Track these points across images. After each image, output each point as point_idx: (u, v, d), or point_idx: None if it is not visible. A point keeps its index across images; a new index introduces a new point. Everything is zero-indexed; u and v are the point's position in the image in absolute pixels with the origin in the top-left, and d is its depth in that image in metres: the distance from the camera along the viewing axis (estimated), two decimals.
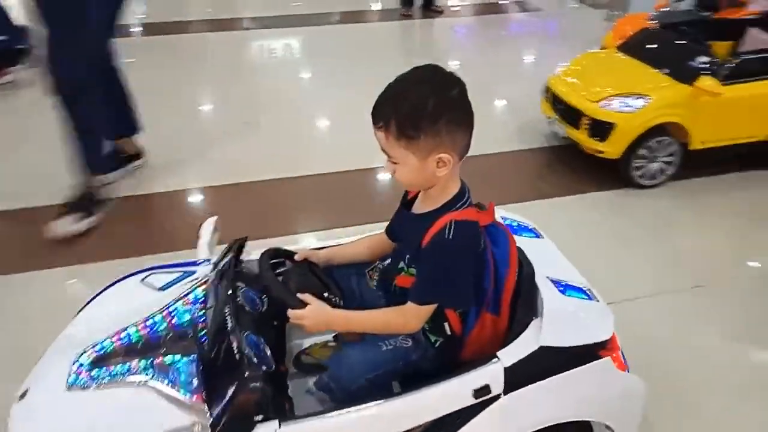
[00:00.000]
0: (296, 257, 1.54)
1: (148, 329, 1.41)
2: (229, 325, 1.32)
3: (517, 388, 1.39)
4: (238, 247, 1.61)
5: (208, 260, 1.66)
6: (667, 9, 5.04)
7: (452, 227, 1.31)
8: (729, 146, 3.50)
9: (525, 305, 1.48)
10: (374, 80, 1.48)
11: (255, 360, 1.27)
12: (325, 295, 1.41)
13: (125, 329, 1.43)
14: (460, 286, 1.37)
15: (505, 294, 1.46)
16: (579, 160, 3.66)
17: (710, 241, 3.06)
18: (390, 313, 1.39)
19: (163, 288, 1.59)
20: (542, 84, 3.93)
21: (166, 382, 1.28)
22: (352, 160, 3.73)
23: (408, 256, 1.43)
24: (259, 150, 3.92)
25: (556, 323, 1.45)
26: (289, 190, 3.49)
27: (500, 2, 7.79)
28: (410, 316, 1.36)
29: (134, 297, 1.59)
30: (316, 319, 1.34)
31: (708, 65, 3.32)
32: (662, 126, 3.33)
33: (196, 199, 3.41)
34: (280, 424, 1.22)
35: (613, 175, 3.50)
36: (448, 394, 1.35)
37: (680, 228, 3.18)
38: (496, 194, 3.45)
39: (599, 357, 1.47)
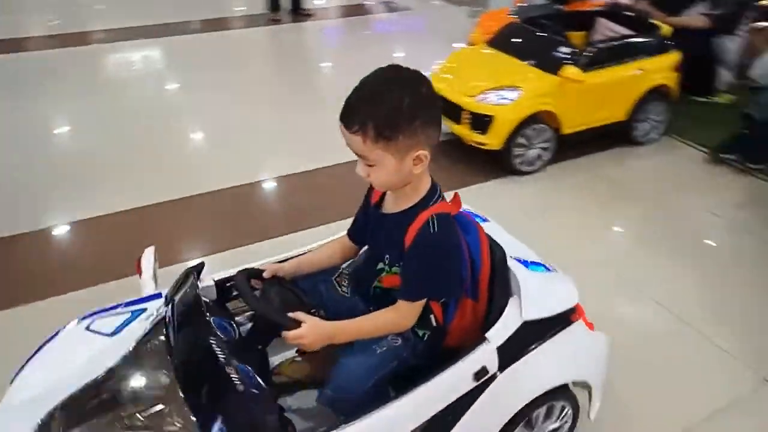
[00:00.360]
0: (265, 275, 1.48)
1: (121, 380, 1.30)
2: (221, 357, 1.27)
3: (510, 364, 1.47)
4: (196, 274, 1.51)
5: (158, 294, 1.55)
6: (525, 4, 5.36)
7: (435, 221, 1.33)
8: (595, 128, 3.79)
9: (501, 286, 1.54)
10: (250, 89, 1.40)
11: (255, 390, 1.23)
12: (312, 310, 1.38)
13: (94, 385, 1.28)
14: (450, 278, 1.41)
15: (482, 279, 1.52)
16: (463, 153, 3.77)
17: (581, 214, 3.30)
18: (384, 314, 1.40)
19: (113, 333, 1.44)
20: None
21: None
22: (239, 173, 3.57)
23: (388, 256, 1.43)
24: (136, 174, 3.63)
25: (533, 298, 1.54)
26: (180, 212, 3.25)
27: (368, 3, 7.88)
28: (405, 314, 1.39)
29: (84, 347, 1.42)
30: (315, 336, 1.31)
31: (569, 55, 3.57)
32: (536, 115, 3.53)
33: (68, 236, 3.06)
34: None
35: (496, 164, 3.65)
36: (451, 382, 1.40)
37: (557, 208, 3.38)
38: None
39: (572, 321, 1.60)
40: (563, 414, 1.72)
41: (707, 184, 3.63)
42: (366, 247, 1.64)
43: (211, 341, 1.31)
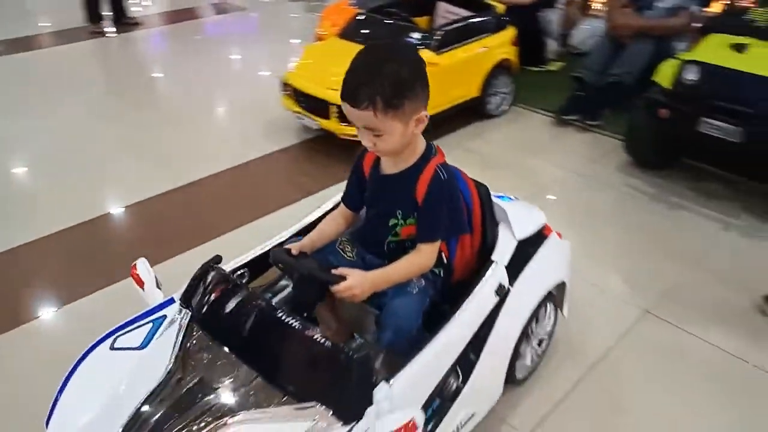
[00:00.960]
0: (293, 252, 1.57)
1: (183, 387, 1.32)
2: (296, 323, 1.38)
3: (517, 278, 1.76)
4: (214, 264, 1.58)
5: (170, 299, 1.56)
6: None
7: (442, 169, 1.51)
8: (453, 107, 3.98)
9: (490, 217, 1.80)
10: (81, 112, 1.25)
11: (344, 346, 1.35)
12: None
13: (154, 395, 1.30)
14: (460, 215, 1.64)
15: (475, 213, 1.75)
16: (335, 147, 3.75)
17: None
18: (411, 259, 1.54)
19: (143, 345, 1.44)
20: (275, 81, 3.92)
21: (252, 410, 1.26)
22: (86, 208, 3.22)
23: (400, 211, 1.57)
24: None
25: (518, 221, 1.86)
26: (25, 261, 2.83)
27: (197, 6, 7.47)
28: (428, 254, 1.54)
29: (119, 365, 1.40)
30: (362, 285, 1.43)
31: (420, 40, 3.70)
32: None
33: None
34: (389, 382, 1.31)
35: None
36: (480, 303, 1.64)
37: None
38: (260, 204, 3.49)
39: (547, 235, 1.98)
40: (548, 315, 2.06)
41: (558, 144, 3.99)
42: (364, 211, 1.75)
43: (278, 314, 1.41)
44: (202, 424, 1.24)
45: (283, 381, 1.33)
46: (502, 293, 1.70)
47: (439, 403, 1.52)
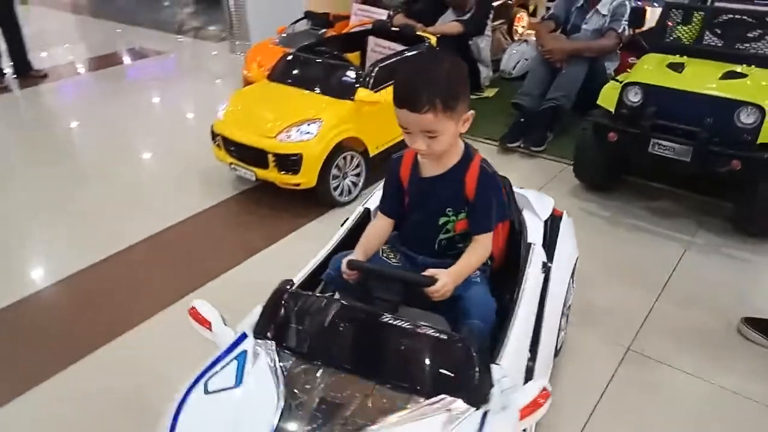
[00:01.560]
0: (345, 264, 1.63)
1: (309, 411, 1.29)
2: (406, 323, 1.41)
3: (553, 255, 1.96)
4: (289, 287, 1.57)
5: (243, 335, 1.51)
6: (288, 32, 5.25)
7: (486, 163, 1.65)
8: (397, 143, 3.81)
9: (515, 205, 2.00)
10: None
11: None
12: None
13: (281, 427, 1.26)
14: (504, 205, 1.80)
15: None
16: (279, 197, 3.50)
17: None
18: (474, 251, 1.65)
19: (238, 383, 1.38)
20: (205, 128, 3.64)
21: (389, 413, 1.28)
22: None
23: (450, 208, 1.67)
24: None
25: (537, 205, 2.09)
26: None
27: (114, 53, 7.03)
28: (486, 244, 1.67)
29: (223, 406, 1.34)
30: (451, 283, 1.54)
31: (356, 78, 3.52)
32: (342, 143, 3.41)
33: None
34: (496, 361, 1.43)
35: (314, 200, 3.46)
36: (535, 281, 1.77)
37: None
38: (201, 269, 3.11)
39: (559, 215, 2.19)
40: (571, 288, 2.23)
41: (505, 172, 3.85)
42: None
43: (387, 319, 1.42)
44: None
45: (406, 381, 1.35)
46: (546, 270, 1.86)
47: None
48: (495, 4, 5.25)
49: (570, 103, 4.13)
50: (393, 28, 4.34)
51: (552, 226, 2.08)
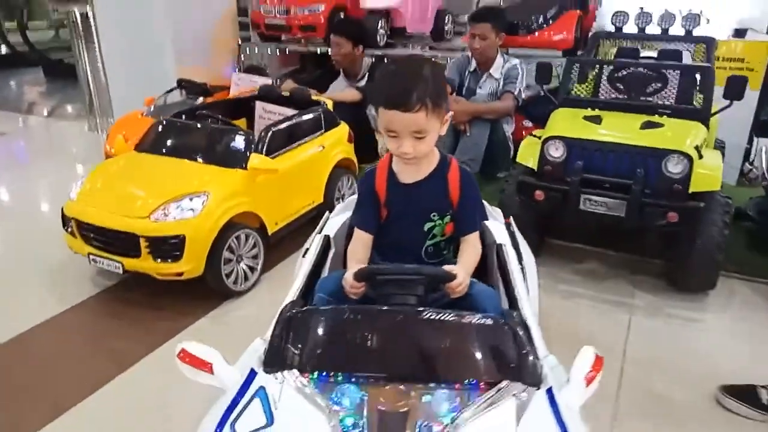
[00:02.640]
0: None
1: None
2: (451, 315, 1.37)
3: (521, 257, 1.88)
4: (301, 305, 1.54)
5: (252, 372, 1.35)
6: (159, 103, 4.64)
7: (462, 166, 1.71)
8: (298, 218, 3.29)
9: None
10: None
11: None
12: None
13: None
14: (482, 206, 1.97)
15: None
16: (154, 292, 2.81)
17: None
18: (470, 250, 1.67)
19: (270, 421, 1.22)
20: (56, 217, 2.89)
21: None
22: None
23: (435, 213, 1.67)
24: None
25: (492, 211, 2.23)
26: None
27: None
28: (477, 243, 1.70)
29: None
30: (468, 278, 1.56)
31: (247, 143, 3.00)
32: (234, 220, 2.82)
33: None
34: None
35: (202, 292, 2.80)
36: (519, 276, 1.72)
37: None
38: (53, 395, 2.24)
39: (509, 222, 2.13)
40: None
41: None
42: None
43: (426, 315, 1.37)
44: None
45: (462, 375, 1.29)
46: (522, 270, 1.78)
47: None
48: None
49: (478, 167, 3.93)
50: (283, 93, 3.91)
51: (509, 231, 2.00)
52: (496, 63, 4.13)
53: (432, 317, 1.38)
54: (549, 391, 1.27)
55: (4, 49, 10.38)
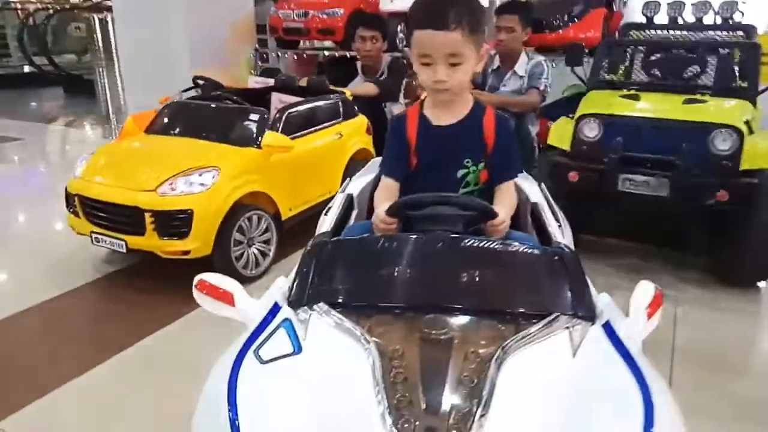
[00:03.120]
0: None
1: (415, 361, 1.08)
2: (494, 243, 1.33)
3: (557, 217, 1.76)
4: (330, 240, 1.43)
5: (276, 306, 1.28)
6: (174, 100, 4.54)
7: (497, 111, 1.60)
8: (314, 207, 3.10)
9: None
10: None
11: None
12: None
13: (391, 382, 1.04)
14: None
15: None
16: (160, 273, 2.63)
17: None
18: (508, 195, 1.57)
19: (298, 349, 1.14)
20: (56, 208, 2.76)
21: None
22: None
23: (468, 159, 1.55)
24: None
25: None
26: None
27: None
28: (513, 192, 1.59)
29: (291, 374, 1.11)
30: (509, 219, 1.46)
31: (262, 121, 2.84)
32: (246, 200, 2.65)
33: None
34: None
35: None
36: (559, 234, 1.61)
37: None
38: (34, 377, 2.02)
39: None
40: None
41: None
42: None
43: (470, 242, 1.31)
44: (474, 367, 1.05)
45: (513, 305, 1.22)
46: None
47: None
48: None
49: None
50: (300, 84, 3.78)
51: (543, 192, 1.87)
52: (521, 60, 3.98)
53: (475, 243, 1.29)
54: (606, 325, 1.19)
55: (27, 68, 10.53)
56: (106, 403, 1.92)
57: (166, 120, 3.03)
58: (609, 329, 1.18)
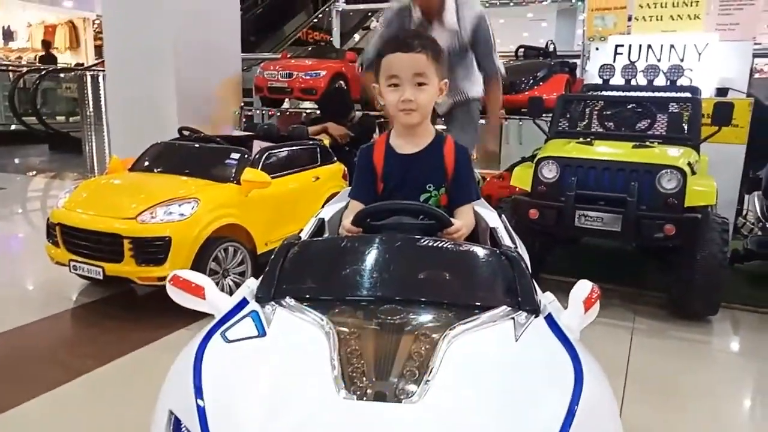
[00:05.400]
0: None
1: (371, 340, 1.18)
2: (447, 244, 1.44)
3: (514, 242, 1.80)
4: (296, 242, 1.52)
5: (243, 301, 1.35)
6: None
7: (456, 141, 1.76)
8: None
9: None
10: None
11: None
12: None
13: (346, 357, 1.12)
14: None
15: None
16: (132, 306, 2.69)
17: None
18: (468, 213, 1.72)
19: (262, 333, 1.22)
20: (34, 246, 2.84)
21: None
22: None
23: (431, 184, 1.70)
24: None
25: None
26: None
27: None
28: (471, 214, 1.74)
29: (255, 353, 1.19)
30: (465, 231, 1.61)
31: (242, 159, 3.00)
32: (223, 232, 2.76)
33: None
34: None
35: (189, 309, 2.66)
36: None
37: None
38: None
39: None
40: None
41: None
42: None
43: (424, 242, 1.43)
44: (423, 345, 1.14)
45: (462, 298, 1.33)
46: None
47: None
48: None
49: None
50: (281, 134, 3.98)
51: (501, 219, 1.95)
52: (448, 5, 2.91)
53: (430, 243, 1.41)
54: (548, 317, 1.29)
55: (14, 126, 10.70)
56: (68, 420, 1.94)
57: (149, 158, 3.18)
58: (550, 320, 1.29)
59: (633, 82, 4.08)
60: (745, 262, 3.39)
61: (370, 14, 10.37)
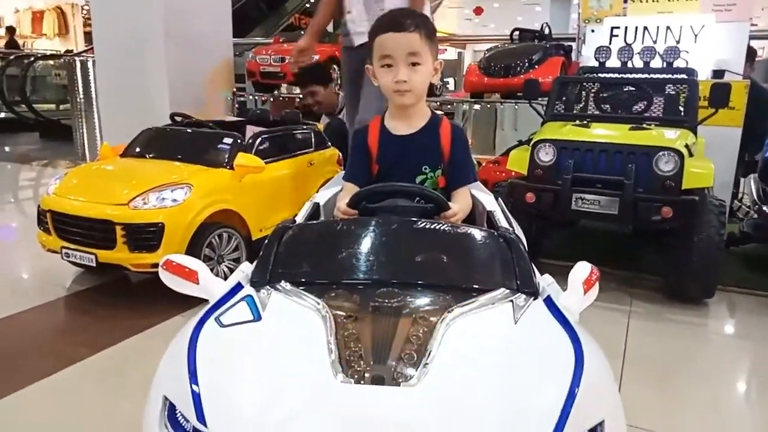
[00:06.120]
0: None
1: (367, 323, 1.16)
2: (444, 226, 1.41)
3: (512, 226, 1.76)
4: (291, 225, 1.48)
5: (238, 285, 1.32)
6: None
7: (453, 122, 1.78)
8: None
9: None
10: None
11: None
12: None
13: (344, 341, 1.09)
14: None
15: None
16: (127, 293, 2.66)
17: None
18: (464, 195, 1.70)
19: (258, 318, 1.21)
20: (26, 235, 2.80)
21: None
22: None
23: (426, 166, 1.68)
24: None
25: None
26: None
27: None
28: (468, 197, 1.72)
29: (251, 337, 1.17)
30: (462, 215, 1.60)
31: (235, 144, 2.96)
32: (217, 218, 2.73)
33: None
34: None
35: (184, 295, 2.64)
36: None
37: None
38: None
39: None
40: None
41: None
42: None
43: (422, 225, 1.41)
44: (421, 328, 1.12)
45: (460, 280, 1.31)
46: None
47: None
48: None
49: None
50: (274, 119, 3.93)
51: (498, 203, 1.93)
52: None
53: (427, 226, 1.40)
54: (547, 299, 1.27)
55: (2, 114, 10.55)
56: (61, 409, 1.92)
57: (141, 144, 3.13)
58: (549, 302, 1.27)
59: (629, 65, 4.05)
60: (740, 245, 3.39)
61: None
